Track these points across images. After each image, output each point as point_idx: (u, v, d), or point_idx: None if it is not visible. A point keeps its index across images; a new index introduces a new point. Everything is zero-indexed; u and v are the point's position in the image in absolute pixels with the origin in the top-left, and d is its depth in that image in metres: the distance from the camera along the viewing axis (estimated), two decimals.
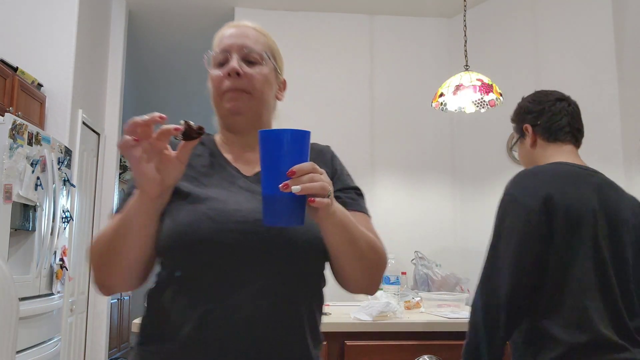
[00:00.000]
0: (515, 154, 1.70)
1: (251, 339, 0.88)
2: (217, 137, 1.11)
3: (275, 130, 0.79)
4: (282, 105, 1.17)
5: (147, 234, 0.90)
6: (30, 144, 2.75)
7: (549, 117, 1.56)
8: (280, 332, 0.90)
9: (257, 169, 1.01)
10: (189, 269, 0.91)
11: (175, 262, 0.93)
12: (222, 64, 1.04)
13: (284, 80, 1.18)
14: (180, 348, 0.89)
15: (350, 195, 1.07)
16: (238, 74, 1.01)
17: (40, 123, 3.46)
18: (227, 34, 1.06)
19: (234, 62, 1.02)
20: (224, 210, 0.93)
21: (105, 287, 0.95)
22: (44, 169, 2.89)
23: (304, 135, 0.79)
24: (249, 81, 1.03)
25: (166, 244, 0.91)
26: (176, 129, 0.82)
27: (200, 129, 0.85)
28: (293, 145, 0.78)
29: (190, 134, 0.84)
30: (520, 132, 1.62)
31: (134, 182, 0.87)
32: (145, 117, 0.81)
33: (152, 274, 0.98)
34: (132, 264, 0.92)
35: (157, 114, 0.82)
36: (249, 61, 1.04)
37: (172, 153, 0.86)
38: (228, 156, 1.07)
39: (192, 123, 0.84)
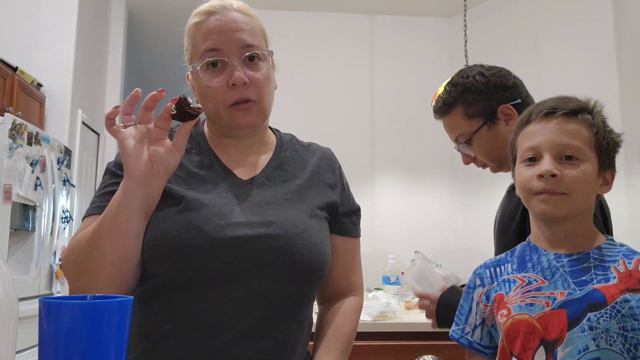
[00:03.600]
0: (468, 150, 1.33)
1: (233, 355, 0.82)
2: (206, 131, 0.99)
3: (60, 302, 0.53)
4: (282, 105, 1.11)
5: (134, 230, 0.81)
6: (29, 143, 2.75)
7: (527, 93, 1.31)
8: (266, 348, 0.85)
9: (253, 172, 0.95)
10: (176, 282, 0.84)
11: (161, 273, 0.84)
12: (214, 64, 0.90)
13: (274, 62, 1.01)
14: None
15: (354, 220, 1.02)
16: (245, 83, 0.89)
17: (40, 123, 3.46)
18: (212, 25, 0.89)
19: (238, 71, 0.88)
20: (220, 223, 0.84)
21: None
22: (43, 169, 2.89)
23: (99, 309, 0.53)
24: (256, 89, 0.90)
25: (154, 254, 0.83)
26: (172, 101, 0.77)
27: (198, 109, 0.79)
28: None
29: (185, 111, 0.78)
30: (487, 117, 1.27)
31: (125, 167, 0.79)
32: (141, 98, 0.76)
33: (136, 281, 0.87)
34: (117, 267, 0.81)
35: (155, 92, 0.76)
36: (249, 57, 0.91)
37: (168, 140, 0.80)
38: (219, 154, 0.96)
39: (190, 100, 0.79)
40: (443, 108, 1.35)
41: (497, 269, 0.97)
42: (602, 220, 1.18)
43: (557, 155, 0.88)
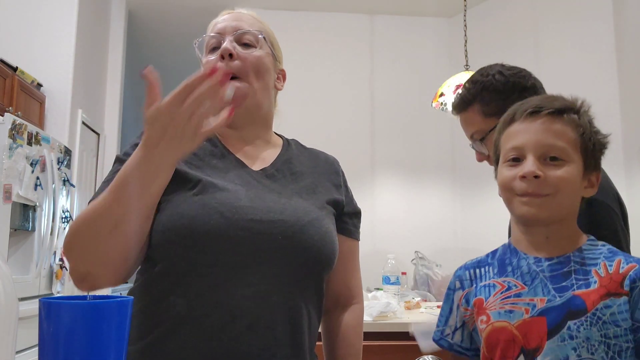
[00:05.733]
0: (482, 147, 1.32)
1: (249, 343, 0.82)
2: None
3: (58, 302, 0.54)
4: (282, 105, 1.13)
5: (151, 202, 0.80)
6: (29, 143, 2.75)
7: (543, 93, 1.28)
8: (280, 335, 0.85)
9: (262, 164, 0.97)
10: (190, 266, 0.83)
11: (174, 256, 0.84)
12: (215, 48, 0.97)
13: (284, 70, 1.08)
14: (173, 352, 0.82)
15: (355, 222, 1.05)
16: (231, 55, 0.93)
17: (40, 123, 3.46)
18: (220, 19, 1.00)
19: (227, 44, 0.94)
20: (235, 205, 0.85)
21: (88, 278, 0.80)
22: (43, 169, 2.89)
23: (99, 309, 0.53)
24: (243, 63, 0.94)
25: (170, 236, 0.82)
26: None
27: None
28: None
29: None
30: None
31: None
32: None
33: (136, 268, 0.87)
34: (127, 242, 0.79)
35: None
36: (244, 43, 0.96)
37: None
38: (229, 148, 0.98)
39: None
40: (461, 104, 1.35)
41: (477, 271, 0.94)
42: (622, 217, 1.17)
43: (541, 156, 0.85)
